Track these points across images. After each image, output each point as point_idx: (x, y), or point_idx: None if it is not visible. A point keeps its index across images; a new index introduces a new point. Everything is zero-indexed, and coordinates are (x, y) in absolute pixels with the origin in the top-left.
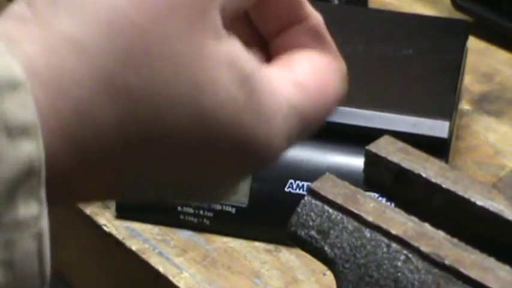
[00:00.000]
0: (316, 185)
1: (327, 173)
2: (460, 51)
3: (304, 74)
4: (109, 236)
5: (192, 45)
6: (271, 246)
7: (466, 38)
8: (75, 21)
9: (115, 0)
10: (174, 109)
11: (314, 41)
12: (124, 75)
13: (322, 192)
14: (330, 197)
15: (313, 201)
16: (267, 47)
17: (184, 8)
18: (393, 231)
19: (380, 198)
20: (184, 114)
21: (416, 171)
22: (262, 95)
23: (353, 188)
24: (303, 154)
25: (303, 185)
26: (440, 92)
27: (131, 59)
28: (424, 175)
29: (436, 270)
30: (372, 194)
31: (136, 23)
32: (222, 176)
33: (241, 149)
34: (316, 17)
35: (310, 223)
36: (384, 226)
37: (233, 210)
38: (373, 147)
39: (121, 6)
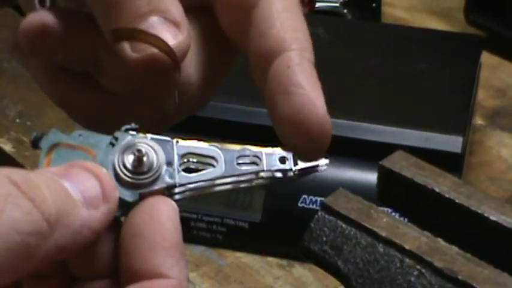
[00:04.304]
0: (329, 200)
1: (340, 188)
2: (473, 66)
3: None
4: None
5: None
6: (284, 262)
7: (479, 53)
8: None
9: None
10: None
11: None
12: None
13: (336, 208)
14: (343, 212)
15: (327, 216)
16: None
17: None
18: (406, 247)
19: (393, 214)
20: None
21: (430, 187)
22: None
23: (366, 203)
24: None
25: (316, 200)
26: (453, 107)
27: None
28: (437, 190)
29: (449, 285)
30: (385, 209)
31: None
32: None
33: None
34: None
35: (324, 238)
36: (398, 241)
37: (246, 226)
38: (386, 162)
39: None
